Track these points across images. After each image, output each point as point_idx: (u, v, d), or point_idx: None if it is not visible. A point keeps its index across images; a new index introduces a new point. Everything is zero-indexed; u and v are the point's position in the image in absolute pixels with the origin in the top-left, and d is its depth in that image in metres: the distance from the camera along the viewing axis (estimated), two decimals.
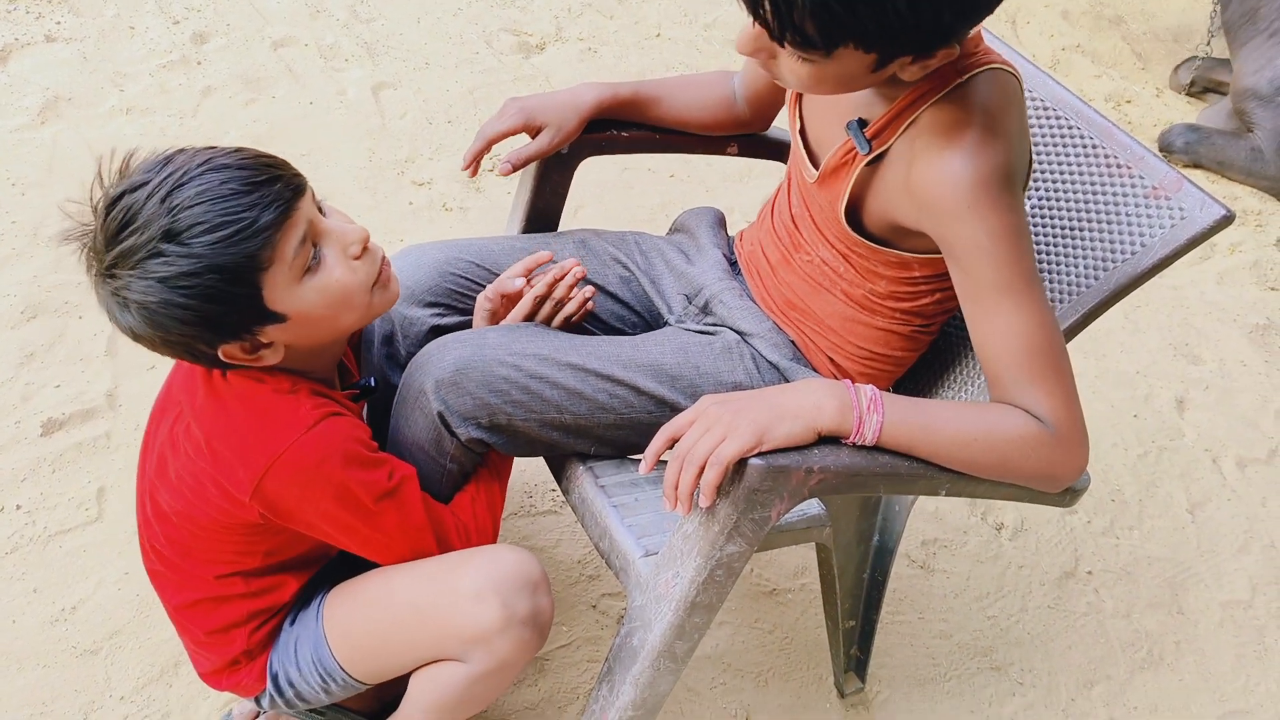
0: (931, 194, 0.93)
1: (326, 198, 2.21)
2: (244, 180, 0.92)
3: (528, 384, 1.08)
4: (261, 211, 0.92)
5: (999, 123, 0.92)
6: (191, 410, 1.02)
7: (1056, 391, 0.93)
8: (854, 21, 0.80)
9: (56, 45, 2.33)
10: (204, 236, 0.90)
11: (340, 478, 0.99)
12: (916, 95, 0.96)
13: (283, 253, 0.94)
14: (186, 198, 0.90)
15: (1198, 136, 2.91)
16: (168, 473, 1.04)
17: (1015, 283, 0.91)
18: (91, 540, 1.47)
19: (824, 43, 0.82)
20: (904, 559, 1.74)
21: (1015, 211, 0.91)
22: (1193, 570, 1.85)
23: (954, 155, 0.91)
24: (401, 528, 1.04)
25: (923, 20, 0.80)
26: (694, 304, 1.25)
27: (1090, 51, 3.42)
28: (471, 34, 2.75)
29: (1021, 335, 0.92)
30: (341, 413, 1.03)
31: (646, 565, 1.03)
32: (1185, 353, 2.33)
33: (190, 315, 0.92)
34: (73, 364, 1.69)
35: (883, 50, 0.84)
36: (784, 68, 0.91)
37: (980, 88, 0.94)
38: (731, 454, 0.88)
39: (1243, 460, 2.09)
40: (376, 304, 1.05)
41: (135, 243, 0.90)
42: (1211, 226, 0.99)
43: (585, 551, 1.62)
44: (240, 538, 1.04)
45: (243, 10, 2.58)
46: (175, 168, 0.92)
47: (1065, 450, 0.93)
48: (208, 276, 0.91)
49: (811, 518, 1.14)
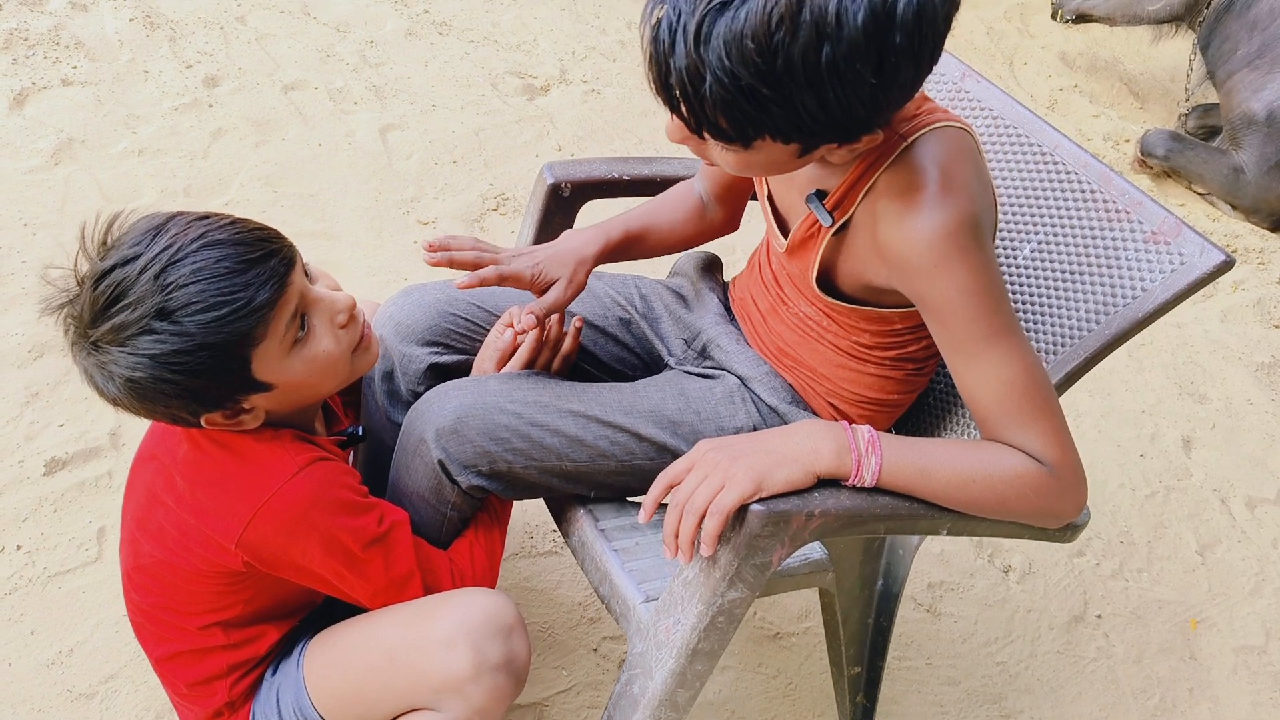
0: (898, 255, 0.93)
1: (333, 237, 2.23)
2: (239, 258, 0.91)
3: (528, 431, 1.07)
4: (257, 290, 0.91)
5: (953, 178, 0.91)
6: (174, 462, 1.02)
7: (1048, 431, 0.93)
8: (767, 119, 0.81)
9: (72, 89, 2.37)
10: (198, 316, 0.89)
11: (327, 524, 0.98)
12: (868, 163, 0.96)
13: (275, 329, 0.94)
14: (181, 275, 0.89)
15: (1180, 146, 2.94)
16: (149, 525, 1.03)
17: (993, 332, 0.92)
18: (91, 581, 1.46)
19: (739, 137, 0.83)
20: (910, 602, 1.72)
21: (983, 262, 0.91)
22: (1204, 614, 1.83)
23: (914, 215, 0.91)
24: (389, 575, 1.04)
25: (833, 117, 0.81)
26: (692, 348, 1.25)
27: (1088, 92, 3.45)
28: (478, 77, 2.78)
29: (1006, 381, 0.92)
30: (327, 458, 1.03)
31: (647, 611, 1.02)
32: (1191, 391, 2.32)
33: (177, 390, 0.92)
34: (77, 403, 1.69)
35: (801, 141, 0.85)
36: (714, 154, 0.92)
37: (929, 147, 0.93)
38: (731, 502, 0.88)
39: (1252, 501, 2.07)
40: (357, 367, 1.05)
41: (126, 319, 0.89)
42: (1211, 271, 0.99)
43: (586, 594, 1.61)
44: (222, 586, 1.03)
45: (255, 55, 2.63)
46: (169, 242, 0.91)
47: (1063, 487, 0.93)
48: (199, 354, 0.90)
49: (814, 562, 1.13)
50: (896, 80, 0.80)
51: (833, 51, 0.76)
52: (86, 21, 2.57)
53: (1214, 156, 2.92)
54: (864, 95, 0.80)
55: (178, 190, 2.17)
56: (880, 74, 0.78)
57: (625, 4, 3.33)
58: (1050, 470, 0.93)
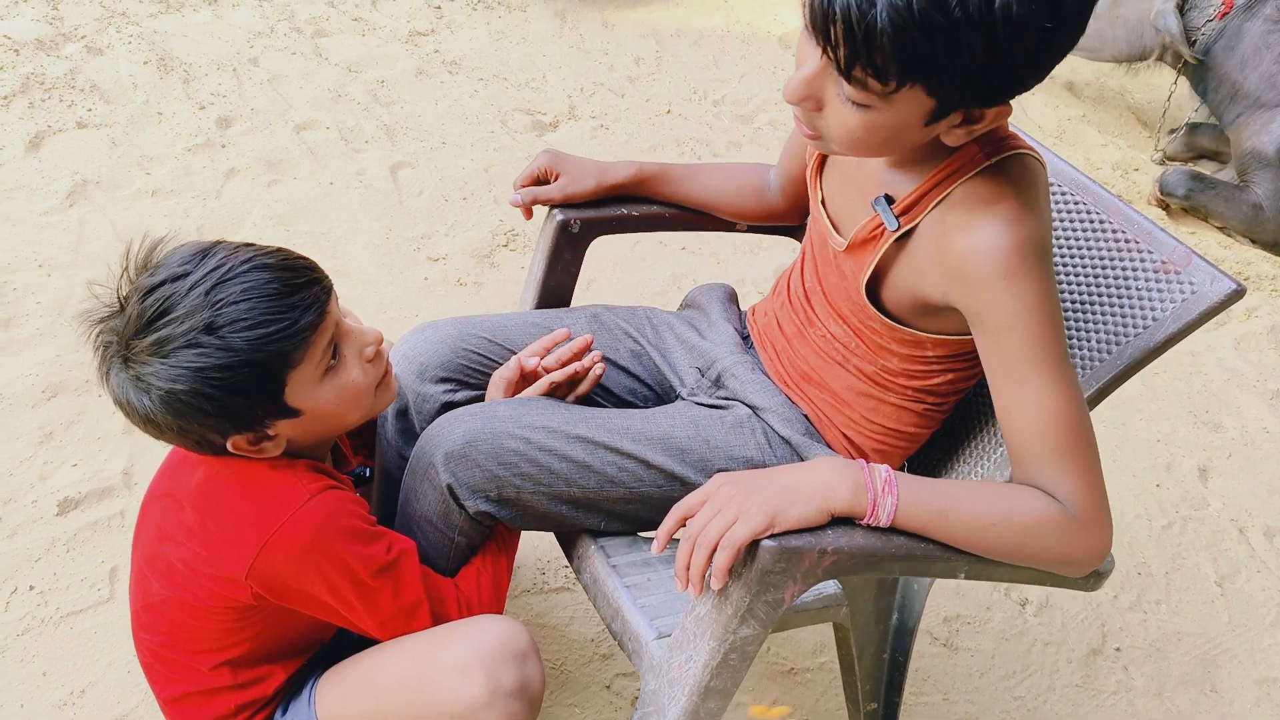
0: (967, 262, 0.92)
1: (344, 274, 2.25)
2: (286, 281, 0.95)
3: (536, 456, 1.07)
4: (302, 313, 0.95)
5: (1033, 198, 0.92)
6: (185, 495, 1.02)
7: (1080, 471, 0.90)
8: (929, 57, 0.77)
9: (87, 131, 2.40)
10: (245, 333, 0.92)
11: (337, 551, 0.99)
12: (947, 173, 0.96)
13: (313, 353, 0.97)
14: (231, 294, 0.92)
15: (1200, 185, 2.96)
16: (157, 562, 1.04)
17: (1046, 357, 0.90)
18: (103, 621, 1.46)
19: (897, 74, 0.79)
20: (926, 636, 1.70)
21: (1049, 285, 0.91)
22: (1225, 646, 1.80)
23: (991, 224, 0.91)
24: (398, 604, 1.03)
25: (991, 69, 0.79)
26: (706, 377, 1.25)
27: (1096, 121, 3.47)
28: (487, 114, 2.82)
29: (1048, 410, 0.90)
30: (337, 486, 1.03)
31: (659, 648, 1.01)
32: (1206, 420, 2.30)
33: (214, 406, 0.93)
34: (91, 442, 1.70)
35: (945, 96, 0.83)
36: (830, 119, 0.89)
37: (1012, 168, 0.95)
38: (743, 537, 0.87)
39: (1270, 530, 2.04)
40: (378, 404, 1.08)
41: (172, 332, 0.92)
42: (1222, 301, 0.98)
43: (598, 630, 1.60)
44: (230, 622, 1.03)
45: (267, 96, 2.67)
46: (219, 263, 0.94)
47: (1086, 534, 0.90)
48: (241, 370, 0.92)
49: (828, 597, 1.12)
50: (1058, 40, 0.80)
51: None
52: (102, 65, 2.62)
53: (1233, 194, 2.94)
54: (1028, 48, 0.79)
55: (191, 230, 2.19)
56: (1052, 21, 0.78)
57: (633, 41, 3.37)
58: (1075, 514, 0.90)
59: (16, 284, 1.97)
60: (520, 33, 3.26)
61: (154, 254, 0.98)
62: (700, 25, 3.56)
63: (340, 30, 3.03)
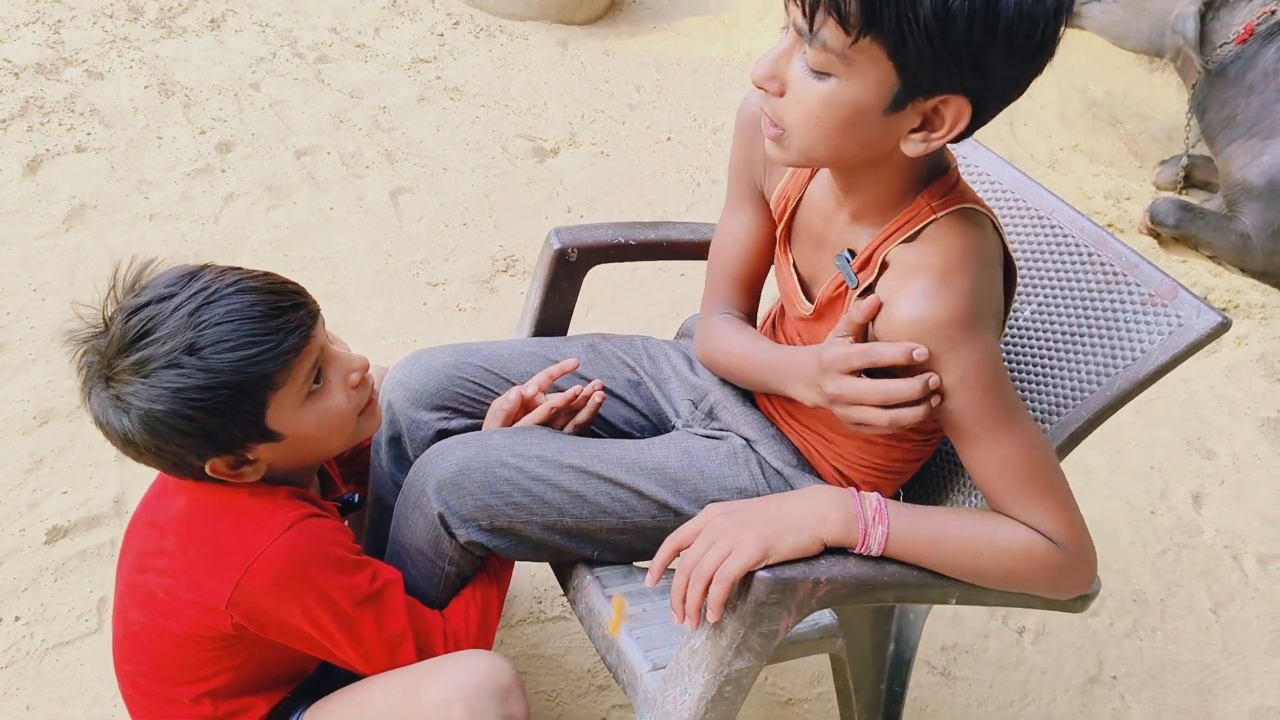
0: (899, 335, 0.92)
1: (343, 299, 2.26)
2: (271, 305, 0.96)
3: (529, 485, 1.07)
4: (285, 336, 0.95)
5: (956, 270, 0.91)
6: (168, 521, 1.02)
7: (1055, 508, 0.93)
8: (893, 4, 0.77)
9: (86, 155, 2.42)
10: (226, 354, 0.92)
11: (319, 581, 0.98)
12: (898, 226, 0.96)
13: (295, 377, 0.97)
14: (215, 315, 0.93)
15: (1190, 215, 2.97)
16: (138, 590, 1.03)
17: (995, 411, 0.92)
18: (90, 652, 1.45)
19: (859, 20, 0.79)
20: (924, 666, 1.69)
21: (985, 346, 0.91)
22: (1220, 674, 1.80)
23: (919, 297, 0.91)
24: (381, 635, 1.03)
25: (945, 38, 0.78)
26: (700, 409, 1.25)
27: (1088, 151, 3.49)
28: (488, 140, 2.84)
29: (1011, 460, 0.93)
30: (320, 514, 1.03)
31: (654, 680, 1.01)
32: (1198, 447, 2.30)
33: (193, 427, 0.93)
34: (82, 469, 1.70)
35: (904, 65, 0.82)
36: (792, 101, 0.88)
37: (946, 229, 0.94)
38: (737, 570, 0.88)
39: (1264, 557, 2.05)
40: (361, 431, 1.07)
41: (154, 352, 0.92)
42: (1208, 334, 1.00)
43: (595, 661, 1.59)
44: (211, 651, 1.02)
45: (268, 121, 2.68)
46: (204, 285, 0.95)
47: (1071, 563, 0.94)
48: (221, 392, 0.93)
49: (823, 628, 1.12)
50: (1009, 52, 0.79)
51: None
52: (102, 89, 2.63)
53: (1223, 224, 2.95)
54: (975, 40, 0.78)
55: (189, 255, 2.20)
56: (987, 29, 0.77)
57: (633, 68, 3.40)
58: (1060, 547, 0.93)
59: (10, 308, 1.97)
60: (522, 60, 3.29)
61: (142, 276, 0.99)
62: (700, 54, 3.60)
63: (343, 56, 3.06)
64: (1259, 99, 2.90)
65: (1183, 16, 2.98)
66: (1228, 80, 2.96)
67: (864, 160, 0.93)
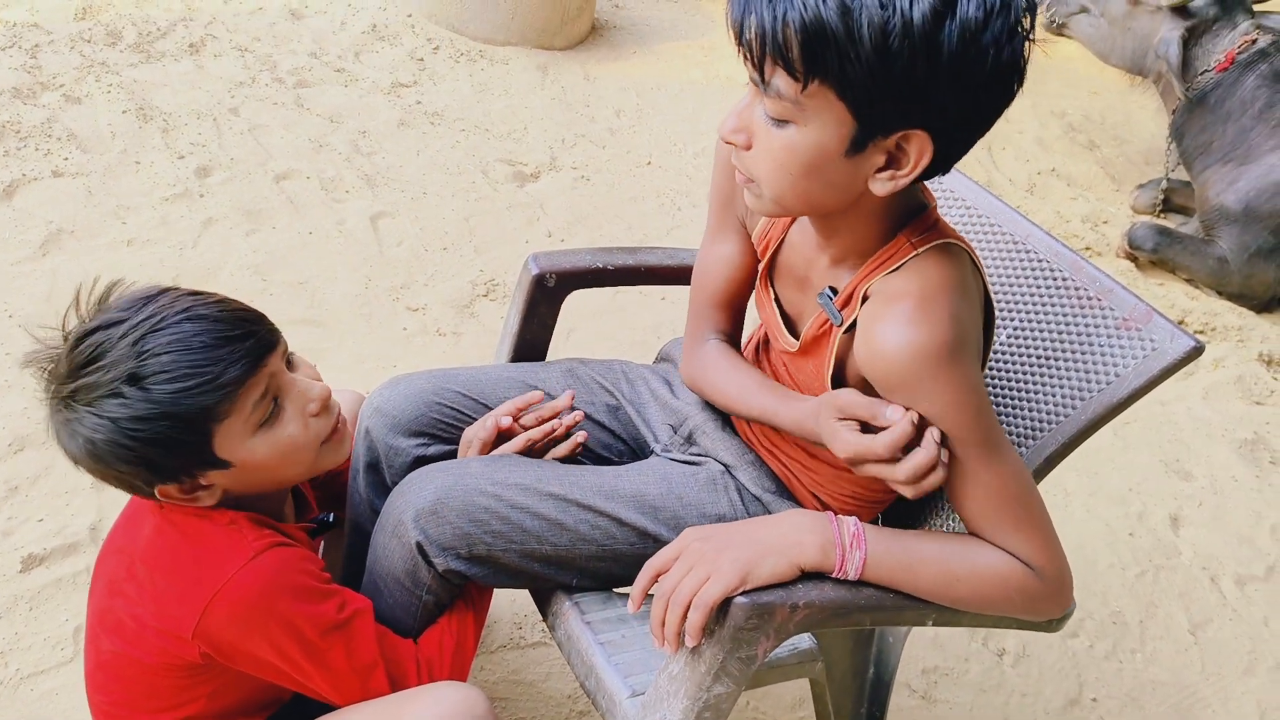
0: (873, 370, 0.93)
1: (322, 324, 2.25)
2: (217, 334, 0.95)
3: (508, 514, 1.07)
4: (227, 367, 0.94)
5: (935, 301, 0.91)
6: (136, 548, 1.01)
7: (1034, 536, 0.94)
8: (832, 44, 0.78)
9: (63, 180, 2.40)
10: (166, 385, 0.92)
11: (284, 610, 0.97)
12: (878, 263, 0.97)
13: (241, 406, 0.96)
14: (158, 345, 0.92)
15: (1168, 240, 3.01)
16: (108, 618, 1.02)
17: (976, 440, 0.92)
18: (65, 682, 1.43)
19: (803, 66, 0.80)
20: (904, 689, 1.69)
21: (964, 379, 0.91)
22: (1199, 695, 1.80)
23: (889, 332, 0.90)
24: (351, 665, 1.02)
25: (890, 73, 0.79)
26: (679, 434, 1.25)
27: (1066, 175, 3.54)
28: (468, 165, 2.84)
29: (991, 488, 0.93)
30: (285, 543, 1.02)
31: (633, 706, 1.00)
32: (1176, 469, 2.32)
33: (133, 457, 0.93)
34: (58, 497, 1.68)
35: (857, 107, 0.82)
36: (758, 152, 0.89)
37: (925, 265, 0.94)
38: (716, 595, 0.88)
39: (1241, 578, 2.06)
40: (323, 461, 1.06)
41: (98, 380, 0.92)
42: (1182, 358, 1.01)
43: (574, 687, 1.58)
44: (182, 680, 1.01)
45: (247, 145, 2.68)
46: (152, 312, 0.94)
47: (1048, 589, 0.95)
48: (160, 423, 0.92)
49: (803, 653, 1.12)
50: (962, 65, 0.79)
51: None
52: (79, 114, 2.63)
53: (1199, 248, 3.00)
54: (917, 76, 0.78)
55: (167, 279, 2.18)
56: (928, 61, 0.78)
57: (614, 93, 3.42)
58: (1037, 573, 0.94)
59: None
60: (502, 85, 3.30)
61: (109, 297, 0.99)
62: (680, 79, 3.63)
63: (322, 81, 3.06)
64: (1236, 126, 2.95)
65: (1166, 41, 3.03)
66: (1207, 107, 3.01)
67: (837, 204, 0.93)
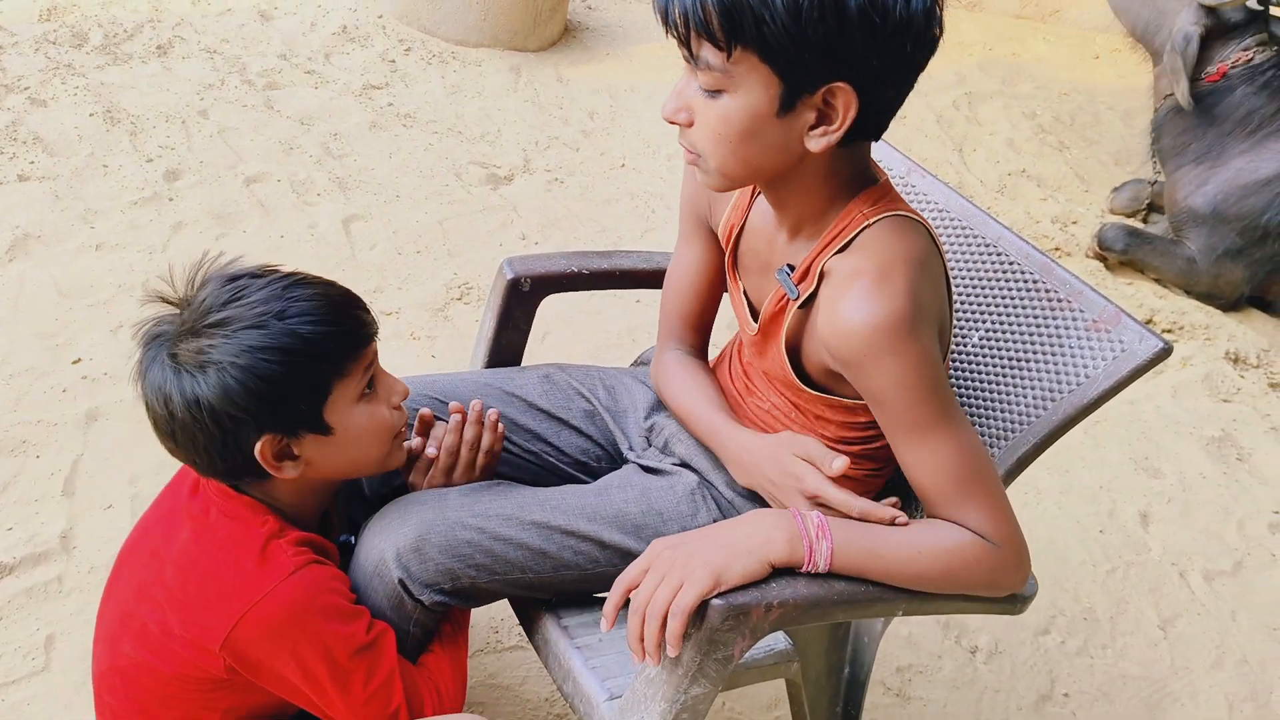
0: (834, 344, 0.97)
1: None
2: (350, 299, 1.05)
3: (491, 546, 1.07)
4: (360, 326, 1.04)
5: (892, 272, 0.94)
6: (170, 553, 1.01)
7: (989, 507, 0.97)
8: (747, 8, 0.83)
9: (29, 184, 2.37)
10: (310, 326, 0.97)
11: (316, 629, 0.98)
12: (833, 235, 0.99)
13: (356, 370, 1.02)
14: (305, 293, 1.00)
15: (1137, 240, 3.05)
16: (132, 621, 1.01)
17: (932, 418, 0.95)
18: (37, 692, 1.41)
19: (724, 34, 0.85)
20: (879, 687, 1.70)
21: (916, 355, 0.93)
22: (1169, 689, 1.83)
23: (846, 306, 0.94)
24: (369, 688, 1.02)
25: (807, 28, 0.83)
26: (654, 442, 1.26)
27: (1036, 176, 3.58)
28: (442, 167, 2.83)
29: (947, 463, 0.96)
30: (322, 561, 1.03)
31: (611, 710, 1.01)
32: (1146, 466, 2.36)
33: (264, 387, 0.95)
34: (27, 505, 1.65)
35: (781, 69, 0.87)
36: (699, 127, 0.93)
37: (880, 236, 0.97)
38: (691, 601, 0.88)
39: (1209, 573, 2.09)
40: (391, 459, 1.09)
41: (240, 313, 0.96)
42: (1150, 359, 1.02)
43: (552, 690, 1.58)
44: (201, 693, 1.00)
45: (216, 148, 2.65)
46: (293, 272, 1.03)
47: (1005, 561, 0.98)
48: (297, 358, 0.96)
49: (779, 653, 1.13)
50: (871, 16, 0.83)
51: None
52: (45, 117, 2.59)
53: (1168, 249, 3.05)
54: (830, 28, 0.83)
55: (135, 285, 2.16)
56: (837, 17, 0.82)
57: (586, 96, 3.42)
58: (994, 545, 0.97)
59: None
60: (475, 87, 3.29)
61: (203, 271, 1.03)
62: (654, 80, 3.63)
63: (292, 83, 3.04)
64: (1215, 131, 3.00)
65: (1187, 36, 2.98)
66: (1192, 111, 3.04)
67: (778, 166, 0.96)
